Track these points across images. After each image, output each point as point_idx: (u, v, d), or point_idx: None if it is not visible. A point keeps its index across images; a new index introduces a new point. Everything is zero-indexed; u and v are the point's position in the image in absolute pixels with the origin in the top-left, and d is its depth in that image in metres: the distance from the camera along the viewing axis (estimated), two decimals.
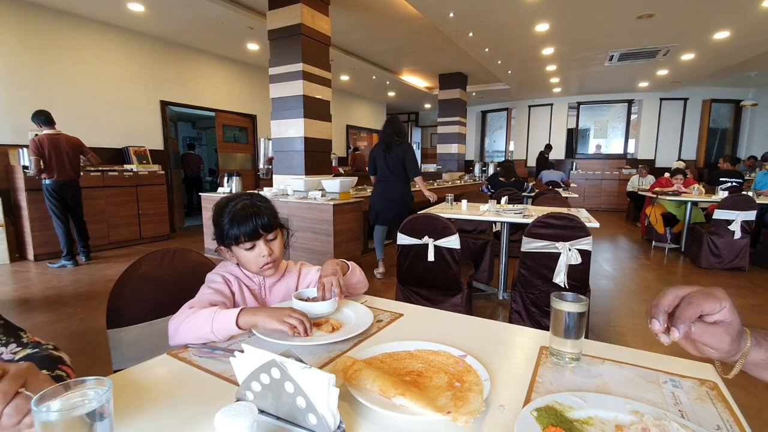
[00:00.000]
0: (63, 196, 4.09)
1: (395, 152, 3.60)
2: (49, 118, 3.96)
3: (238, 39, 5.99)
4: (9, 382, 0.47)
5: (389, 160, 3.61)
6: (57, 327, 2.65)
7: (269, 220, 1.07)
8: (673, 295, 0.55)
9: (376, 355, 0.79)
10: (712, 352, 0.54)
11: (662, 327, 0.54)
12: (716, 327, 0.53)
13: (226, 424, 0.49)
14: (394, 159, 3.60)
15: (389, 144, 3.63)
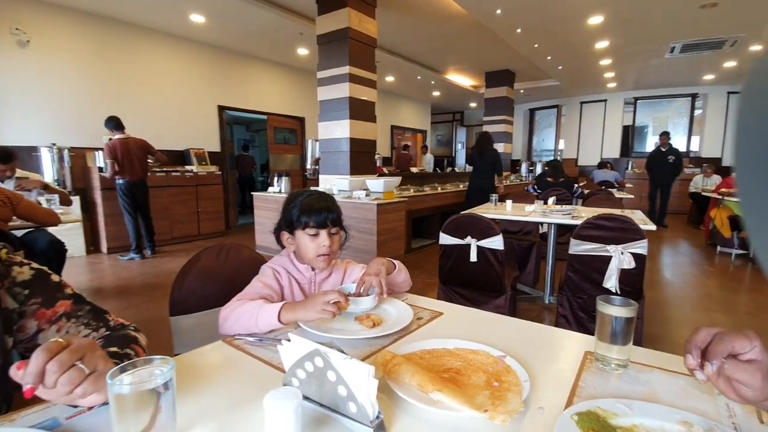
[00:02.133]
0: (133, 195, 4.47)
1: (487, 156, 4.96)
2: (119, 124, 4.34)
3: (289, 45, 6.23)
4: (68, 354, 0.52)
5: (482, 162, 4.98)
6: (126, 314, 2.90)
7: (337, 216, 1.14)
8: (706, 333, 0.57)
9: (415, 351, 0.81)
10: (746, 392, 0.53)
11: (696, 362, 0.56)
12: (749, 365, 0.53)
13: (274, 406, 0.53)
14: (486, 161, 4.94)
15: (483, 150, 5.04)
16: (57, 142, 4.70)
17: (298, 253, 1.16)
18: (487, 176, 5.02)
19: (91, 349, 0.56)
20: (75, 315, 0.72)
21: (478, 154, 5.10)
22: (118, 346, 0.67)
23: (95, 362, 0.55)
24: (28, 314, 0.69)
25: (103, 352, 0.59)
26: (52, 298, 0.71)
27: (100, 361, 0.56)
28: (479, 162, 5.08)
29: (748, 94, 0.22)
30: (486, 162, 5.00)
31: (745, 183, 0.22)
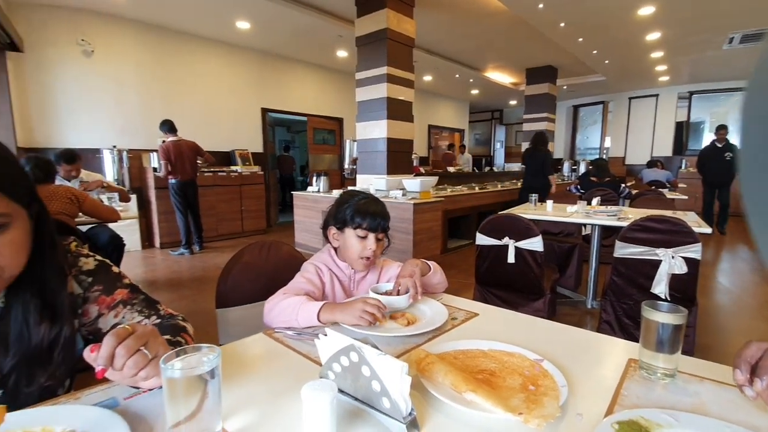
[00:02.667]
0: (184, 194, 4.74)
1: (538, 156, 5.02)
2: (172, 127, 4.62)
3: (329, 47, 6.35)
4: (133, 340, 0.57)
5: (533, 161, 5.06)
6: (177, 305, 3.10)
7: (387, 224, 1.18)
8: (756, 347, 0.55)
9: (449, 351, 0.81)
10: None
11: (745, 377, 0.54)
12: None
13: (311, 397, 0.55)
14: (537, 161, 5.00)
15: (535, 149, 5.08)
16: (117, 145, 5.07)
17: (341, 251, 1.20)
18: (538, 175, 5.02)
19: (153, 335, 0.61)
20: (131, 303, 0.79)
21: (530, 154, 5.15)
22: (170, 335, 0.72)
23: (156, 348, 0.60)
24: (90, 300, 0.76)
25: (162, 339, 0.64)
26: (112, 287, 0.78)
27: (161, 347, 0.61)
28: (530, 161, 5.13)
29: (754, 90, 0.22)
30: (536, 161, 5.04)
31: (750, 181, 0.22)
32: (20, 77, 4.54)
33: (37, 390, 0.68)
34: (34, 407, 0.62)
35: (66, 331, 0.70)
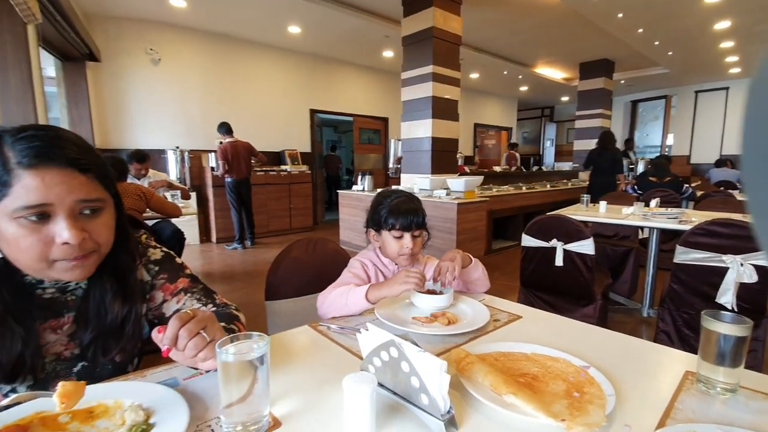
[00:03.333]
0: (239, 192, 5.01)
1: (607, 155, 4.98)
2: (229, 129, 4.89)
3: (376, 48, 6.43)
4: (194, 323, 0.63)
5: (602, 160, 4.99)
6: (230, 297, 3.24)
7: (421, 220, 1.19)
8: None
9: (490, 352, 0.81)
10: None
11: None
12: None
13: (352, 388, 0.57)
14: (606, 160, 4.96)
15: (603, 149, 5.03)
16: (180, 146, 5.46)
17: (383, 250, 1.23)
18: (606, 175, 4.99)
19: (212, 321, 0.67)
20: (191, 291, 0.86)
21: (598, 153, 5.10)
22: (225, 322, 0.78)
23: (214, 332, 0.66)
24: (156, 287, 0.84)
25: (219, 325, 0.70)
26: (175, 276, 0.86)
27: (218, 332, 0.67)
28: (598, 161, 5.07)
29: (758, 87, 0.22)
30: (605, 161, 5.00)
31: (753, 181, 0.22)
32: (98, 85, 5.01)
33: (110, 362, 0.76)
34: (107, 382, 0.70)
35: (136, 310, 0.78)
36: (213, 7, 4.83)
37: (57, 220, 0.62)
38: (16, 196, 0.59)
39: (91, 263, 0.67)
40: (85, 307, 0.73)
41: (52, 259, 0.63)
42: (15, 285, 0.67)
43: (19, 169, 0.60)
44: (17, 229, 0.60)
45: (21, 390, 0.67)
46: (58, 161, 0.62)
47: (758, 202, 0.22)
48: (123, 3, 4.66)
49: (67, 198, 0.62)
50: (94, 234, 0.66)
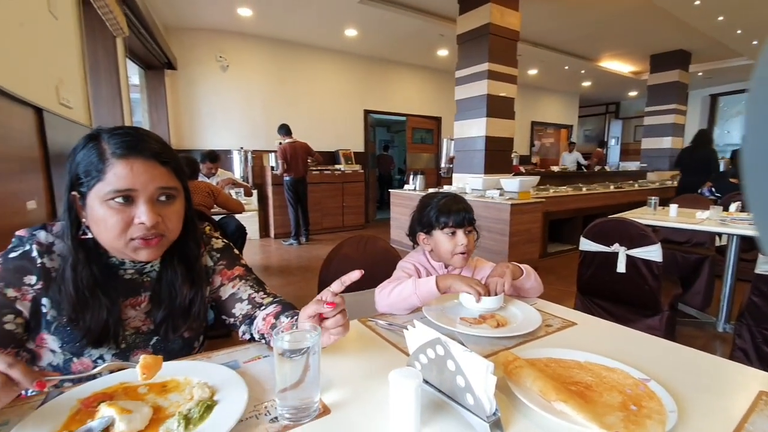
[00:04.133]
0: (296, 190, 5.25)
1: (700, 155, 4.79)
2: (288, 130, 5.13)
3: (430, 47, 6.40)
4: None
5: (692, 160, 4.83)
6: (285, 290, 3.45)
7: (472, 216, 1.20)
8: None
9: (540, 357, 0.79)
10: None
11: None
12: None
13: (398, 382, 0.59)
14: (699, 160, 4.79)
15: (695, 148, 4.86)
16: (244, 146, 5.82)
17: (435, 252, 1.23)
18: (698, 175, 4.83)
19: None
20: (245, 278, 0.94)
21: (689, 153, 4.96)
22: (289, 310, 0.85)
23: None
24: (216, 272, 0.92)
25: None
26: (233, 264, 0.94)
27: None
28: (689, 160, 4.91)
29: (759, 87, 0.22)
30: (697, 160, 4.84)
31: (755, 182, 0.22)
32: (174, 90, 5.49)
33: (180, 338, 0.85)
34: (178, 360, 0.78)
35: (201, 294, 0.86)
36: (276, 14, 5.09)
37: (138, 204, 0.72)
38: (108, 181, 0.69)
39: (160, 246, 0.76)
40: (158, 289, 0.82)
41: (129, 237, 0.72)
42: (103, 264, 0.77)
43: (113, 159, 0.70)
44: (106, 210, 0.70)
45: (107, 357, 0.77)
46: (144, 153, 0.72)
47: (759, 201, 0.22)
48: (197, 15, 5.06)
49: (149, 185, 0.72)
50: (165, 219, 0.75)
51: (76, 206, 0.73)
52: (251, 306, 0.89)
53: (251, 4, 4.77)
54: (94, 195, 0.70)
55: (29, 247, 0.72)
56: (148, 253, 0.74)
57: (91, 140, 0.72)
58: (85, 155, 0.71)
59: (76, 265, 0.72)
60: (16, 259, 0.71)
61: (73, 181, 0.72)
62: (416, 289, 1.04)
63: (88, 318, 0.72)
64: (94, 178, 0.70)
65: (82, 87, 2.46)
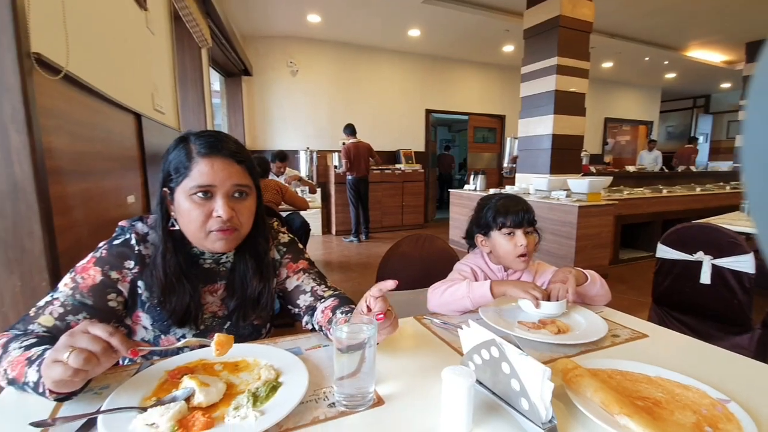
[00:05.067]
0: (358, 189, 5.39)
1: None
2: (353, 130, 5.29)
3: (494, 43, 6.22)
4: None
5: None
6: (344, 285, 3.56)
7: (532, 217, 1.17)
8: None
9: (604, 368, 0.75)
10: None
11: None
12: None
13: (451, 379, 0.60)
14: None
15: None
16: (309, 146, 6.10)
17: (494, 254, 1.21)
18: None
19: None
20: (308, 272, 0.99)
21: None
22: (347, 304, 0.89)
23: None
24: (282, 265, 0.99)
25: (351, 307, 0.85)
26: (298, 257, 1.00)
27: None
28: None
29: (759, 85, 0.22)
30: None
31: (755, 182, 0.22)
32: (249, 96, 5.91)
33: (249, 325, 0.93)
34: (248, 343, 0.85)
35: (269, 286, 0.93)
36: (342, 19, 5.26)
37: (216, 199, 0.80)
38: (192, 177, 0.78)
39: (234, 238, 0.84)
40: (232, 279, 0.90)
41: (208, 229, 0.80)
42: (187, 254, 0.86)
43: (198, 157, 0.79)
44: (190, 204, 0.79)
45: (188, 337, 0.87)
46: (224, 153, 0.80)
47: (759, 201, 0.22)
48: (271, 24, 5.39)
49: (226, 181, 0.80)
50: (239, 214, 0.82)
51: (167, 201, 0.83)
52: (313, 298, 0.95)
53: (320, 11, 4.98)
54: (181, 190, 0.79)
55: (129, 235, 0.84)
56: (223, 244, 0.82)
57: (181, 142, 0.82)
58: (176, 155, 0.80)
59: (165, 253, 0.82)
60: (119, 246, 0.82)
61: (165, 178, 0.82)
62: (469, 292, 1.02)
63: (173, 300, 0.82)
64: (182, 174, 0.79)
65: (172, 94, 2.74)
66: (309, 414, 0.62)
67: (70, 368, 0.54)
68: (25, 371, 0.61)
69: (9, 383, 0.64)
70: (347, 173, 5.29)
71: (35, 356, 0.62)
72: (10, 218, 1.01)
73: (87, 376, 0.57)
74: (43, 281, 1.05)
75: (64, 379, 0.54)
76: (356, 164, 5.22)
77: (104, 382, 0.70)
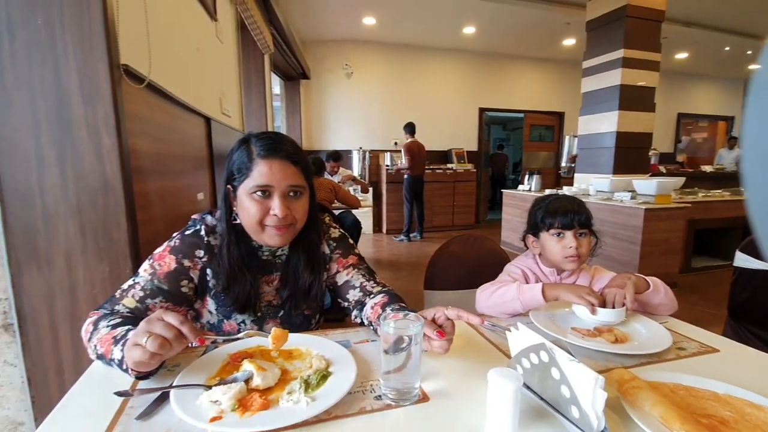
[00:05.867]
0: (416, 188, 5.42)
1: None
2: (413, 129, 5.33)
3: (554, 37, 5.96)
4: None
5: None
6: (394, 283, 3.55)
7: (585, 218, 1.12)
8: None
9: (666, 381, 0.71)
10: None
11: None
12: None
13: (497, 381, 0.59)
14: None
15: None
16: (362, 146, 6.23)
17: (544, 256, 1.18)
18: None
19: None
20: (358, 267, 1.02)
21: None
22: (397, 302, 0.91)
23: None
24: (333, 259, 1.03)
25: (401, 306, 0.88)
26: (348, 253, 1.04)
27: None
28: None
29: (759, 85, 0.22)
30: None
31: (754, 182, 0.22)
32: (307, 98, 6.17)
33: (301, 314, 0.99)
34: (302, 333, 0.90)
35: (319, 280, 0.98)
36: (397, 20, 5.31)
37: (273, 198, 0.85)
38: (253, 178, 0.84)
39: (288, 234, 0.89)
40: (286, 271, 0.96)
41: (265, 225, 0.86)
42: (247, 246, 0.93)
43: (258, 159, 0.85)
44: (250, 202, 0.85)
45: (247, 322, 0.94)
46: (281, 155, 0.86)
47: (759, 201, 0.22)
48: (328, 28, 5.58)
49: (283, 182, 0.85)
50: (293, 211, 0.88)
51: (230, 197, 0.90)
52: (362, 293, 0.98)
53: (375, 14, 5.06)
54: (243, 188, 0.86)
55: (199, 227, 0.92)
56: (278, 239, 0.88)
57: (243, 143, 0.88)
58: (239, 156, 0.87)
59: (229, 244, 0.89)
60: (190, 237, 0.91)
61: (229, 176, 0.89)
62: (520, 295, 1.00)
63: (236, 289, 0.89)
64: (244, 174, 0.85)
65: (238, 98, 2.94)
66: (357, 404, 0.65)
67: (147, 351, 0.61)
68: (111, 349, 0.69)
69: (98, 358, 0.74)
70: (407, 171, 5.31)
71: (120, 336, 0.70)
72: (101, 212, 1.15)
73: (161, 358, 0.64)
74: (126, 268, 1.18)
75: (142, 360, 0.61)
76: (416, 163, 5.24)
77: (176, 360, 0.78)
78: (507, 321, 1.00)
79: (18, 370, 1.14)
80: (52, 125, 1.09)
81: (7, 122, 1.06)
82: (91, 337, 0.74)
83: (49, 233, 1.12)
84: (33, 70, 1.06)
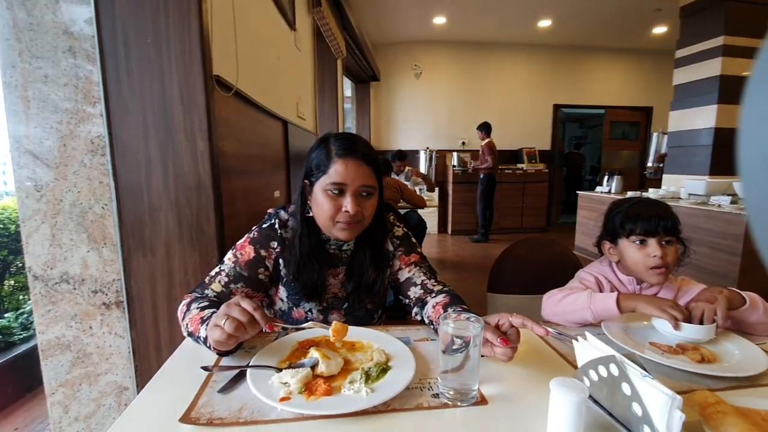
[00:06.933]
0: (491, 188, 5.32)
1: None
2: (490, 128, 5.24)
3: (641, 26, 5.46)
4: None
5: None
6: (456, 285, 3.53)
7: (672, 224, 1.02)
8: None
9: (758, 408, 0.63)
10: None
11: None
12: None
13: (559, 392, 0.57)
14: None
15: None
16: (429, 146, 6.23)
17: (624, 265, 1.09)
18: None
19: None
20: (419, 265, 1.04)
21: None
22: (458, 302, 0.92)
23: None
24: (396, 257, 1.06)
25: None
26: (410, 251, 1.06)
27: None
28: None
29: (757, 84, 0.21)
30: None
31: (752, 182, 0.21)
32: (376, 99, 6.31)
33: (363, 308, 1.04)
34: (365, 327, 0.94)
35: (382, 276, 1.02)
36: (468, 18, 5.23)
37: (346, 196, 0.91)
38: (329, 175, 0.90)
39: (356, 230, 0.94)
40: (351, 265, 1.02)
41: (336, 220, 0.92)
42: (317, 239, 0.99)
43: (336, 157, 0.91)
44: (324, 198, 0.91)
45: (314, 311, 1.01)
46: (356, 155, 0.91)
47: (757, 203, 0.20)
48: (398, 30, 5.66)
49: (356, 181, 0.90)
50: (363, 209, 0.93)
51: (306, 192, 0.97)
52: (423, 291, 0.99)
53: (447, 12, 5.03)
54: (319, 184, 0.92)
55: (274, 221, 1.00)
56: (347, 234, 0.93)
57: (323, 142, 0.95)
58: (318, 153, 0.93)
59: (301, 236, 0.96)
60: (266, 229, 1.00)
61: (307, 172, 0.95)
62: (591, 303, 0.93)
63: (305, 278, 0.96)
64: (321, 171, 0.91)
65: (312, 102, 3.11)
66: (414, 400, 0.67)
67: (224, 332, 0.68)
68: (198, 328, 0.79)
69: (188, 335, 0.84)
70: (487, 171, 5.23)
71: (206, 317, 0.80)
72: (195, 207, 1.30)
73: (237, 340, 0.71)
74: (213, 257, 1.32)
75: (220, 340, 0.69)
76: (494, 162, 5.15)
77: (252, 342, 0.86)
78: (575, 330, 0.96)
79: (126, 342, 1.33)
80: (158, 131, 1.26)
81: (124, 128, 1.25)
82: (184, 317, 0.85)
83: (153, 225, 1.29)
84: (144, 82, 1.24)
